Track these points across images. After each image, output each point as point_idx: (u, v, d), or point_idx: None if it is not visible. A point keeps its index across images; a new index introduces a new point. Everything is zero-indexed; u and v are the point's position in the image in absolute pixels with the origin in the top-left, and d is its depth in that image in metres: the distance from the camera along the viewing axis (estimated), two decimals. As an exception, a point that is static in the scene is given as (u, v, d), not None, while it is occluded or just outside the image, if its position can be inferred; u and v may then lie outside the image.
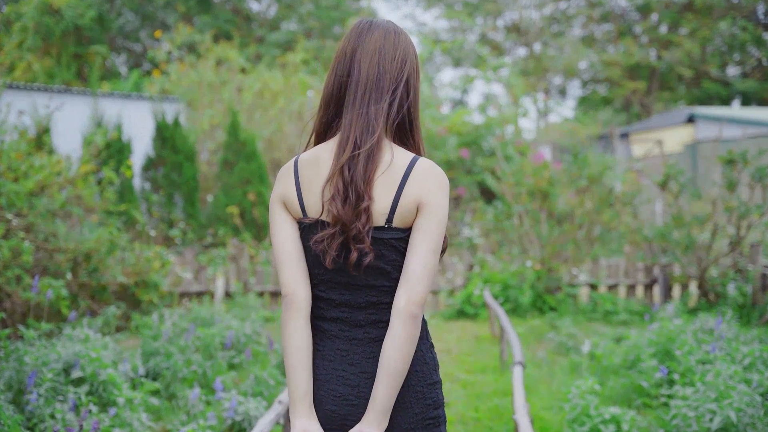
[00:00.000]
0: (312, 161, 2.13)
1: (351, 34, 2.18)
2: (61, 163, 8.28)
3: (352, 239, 2.02)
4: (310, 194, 2.10)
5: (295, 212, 2.14)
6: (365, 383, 2.08)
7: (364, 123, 2.07)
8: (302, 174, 2.13)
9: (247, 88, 15.31)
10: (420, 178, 2.05)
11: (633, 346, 5.95)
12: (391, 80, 2.12)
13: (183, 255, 9.89)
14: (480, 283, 9.54)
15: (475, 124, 17.50)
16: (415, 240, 2.04)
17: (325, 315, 2.14)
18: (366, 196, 2.01)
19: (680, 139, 21.45)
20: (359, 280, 2.08)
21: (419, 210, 2.04)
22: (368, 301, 2.09)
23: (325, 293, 2.13)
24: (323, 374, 2.12)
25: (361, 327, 2.11)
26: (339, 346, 2.12)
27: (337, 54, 2.19)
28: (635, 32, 32.66)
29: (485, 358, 7.34)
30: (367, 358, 2.09)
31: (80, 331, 5.97)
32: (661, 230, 9.13)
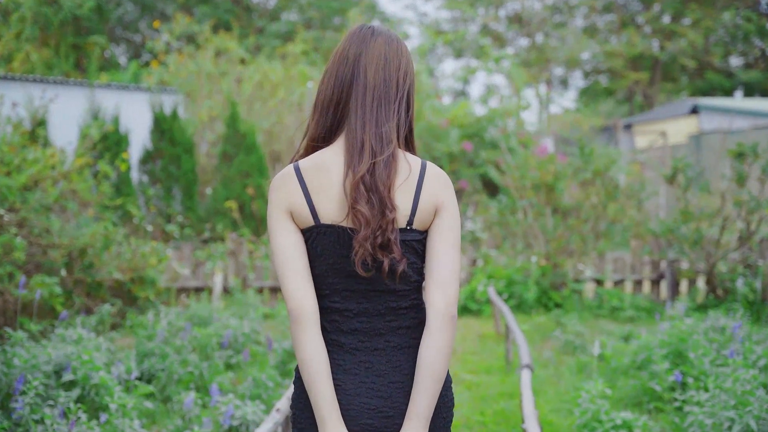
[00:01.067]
0: (319, 167, 2.08)
1: (352, 38, 2.17)
2: (56, 156, 8.09)
3: (379, 248, 2.00)
4: (323, 200, 2.06)
5: (303, 221, 2.07)
6: (397, 393, 2.06)
7: (378, 130, 2.07)
8: (309, 180, 2.07)
9: (247, 79, 15.08)
10: (434, 181, 2.08)
11: (644, 347, 5.76)
12: (398, 88, 2.13)
13: (181, 250, 9.69)
14: (484, 279, 9.35)
15: (477, 115, 17.27)
16: (438, 241, 2.06)
17: (342, 328, 2.09)
18: (391, 204, 2.01)
19: (684, 130, 21.25)
20: (379, 285, 2.06)
21: (437, 212, 2.07)
22: (388, 307, 2.08)
23: (340, 304, 2.08)
24: (352, 388, 2.07)
25: (381, 336, 2.08)
26: (361, 359, 2.08)
27: (336, 57, 2.16)
28: (638, 22, 32.38)
29: (490, 357, 7.15)
30: (393, 368, 2.07)
31: (73, 331, 5.79)
32: (669, 225, 8.93)
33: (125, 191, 11.79)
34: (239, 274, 9.55)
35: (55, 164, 7.89)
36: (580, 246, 9.49)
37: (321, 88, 2.16)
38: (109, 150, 11.71)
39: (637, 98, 32.73)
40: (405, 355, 2.08)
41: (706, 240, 8.95)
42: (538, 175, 9.52)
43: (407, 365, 2.07)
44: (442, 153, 16.05)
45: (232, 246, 9.71)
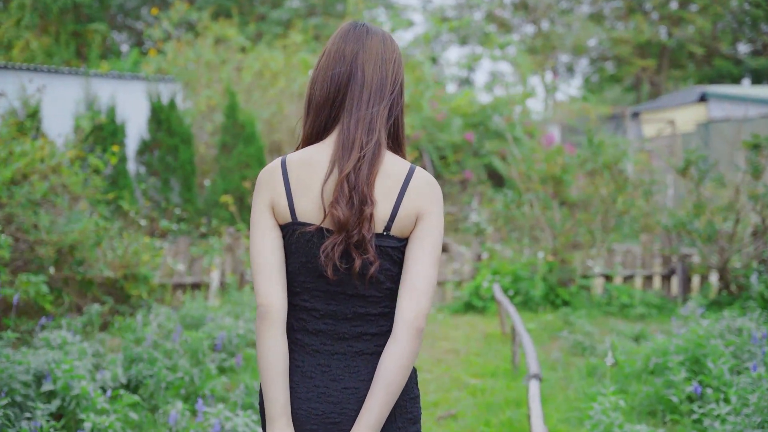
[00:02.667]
0: (304, 163, 2.06)
1: (347, 36, 2.14)
2: (45, 148, 7.79)
3: (354, 246, 1.98)
4: (302, 198, 2.04)
5: (283, 217, 2.05)
6: (348, 399, 2.03)
7: (369, 128, 2.05)
8: (292, 176, 2.05)
9: (247, 67, 14.76)
10: (419, 189, 2.04)
11: (659, 351, 5.45)
12: (392, 86, 2.12)
13: (177, 244, 9.40)
14: (489, 275, 9.04)
15: (481, 104, 16.92)
16: (416, 251, 2.01)
17: (307, 327, 2.06)
18: (369, 200, 1.97)
19: (692, 118, 20.91)
20: (349, 289, 2.03)
21: (418, 221, 2.02)
22: (355, 312, 2.04)
23: (309, 303, 2.06)
24: (304, 392, 2.05)
25: (344, 340, 2.05)
26: (320, 361, 2.06)
27: (331, 56, 2.12)
28: (645, 9, 31.93)
29: (495, 359, 6.86)
30: (350, 373, 2.04)
31: (58, 334, 5.51)
32: (682, 219, 8.60)
33: (122, 183, 11.50)
34: (236, 270, 9.26)
35: (44, 157, 7.59)
36: (588, 241, 9.17)
37: (314, 87, 2.12)
38: (105, 141, 11.42)
39: (644, 86, 32.29)
40: (365, 361, 2.04)
41: (720, 234, 8.64)
42: (545, 168, 9.19)
43: (365, 371, 2.04)
44: (445, 143, 15.73)
45: (229, 241, 9.42)
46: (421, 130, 15.26)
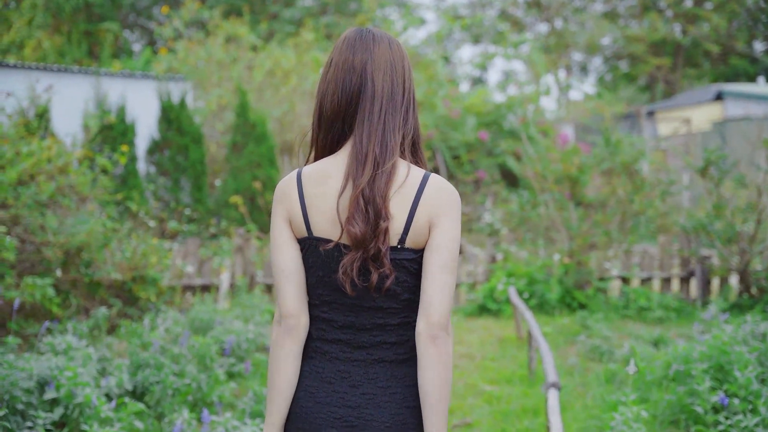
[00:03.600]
0: (318, 177, 2.04)
1: (354, 45, 2.08)
2: (52, 148, 7.67)
3: (371, 260, 1.97)
4: (317, 212, 2.02)
5: (299, 231, 2.05)
6: (366, 404, 2.04)
7: (382, 140, 2.01)
8: (307, 190, 2.04)
9: (258, 66, 14.62)
10: (433, 196, 2.01)
11: (681, 358, 5.27)
12: (403, 94, 2.07)
13: (186, 245, 9.27)
14: (504, 277, 8.86)
15: (495, 103, 16.73)
16: (430, 261, 1.99)
17: (326, 336, 2.07)
18: (385, 214, 1.96)
19: (708, 117, 20.69)
20: (367, 301, 2.03)
21: (431, 229, 2.00)
22: (374, 323, 2.04)
23: (327, 314, 2.07)
24: (324, 397, 2.06)
25: (363, 349, 2.06)
26: (340, 368, 2.07)
27: (339, 67, 2.07)
28: (660, 6, 31.62)
29: (511, 364, 6.68)
30: (369, 380, 2.05)
31: (63, 339, 5.38)
32: (701, 220, 8.40)
33: (131, 183, 11.38)
34: (246, 271, 9.12)
35: (51, 157, 7.46)
36: (605, 242, 8.98)
37: (325, 101, 2.08)
38: (115, 140, 11.30)
39: (659, 84, 31.99)
40: (383, 368, 2.05)
41: (740, 236, 8.43)
42: (561, 168, 9.00)
43: (383, 378, 2.05)
44: (458, 142, 15.55)
45: (239, 242, 9.28)
46: (434, 129, 15.09)
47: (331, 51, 2.12)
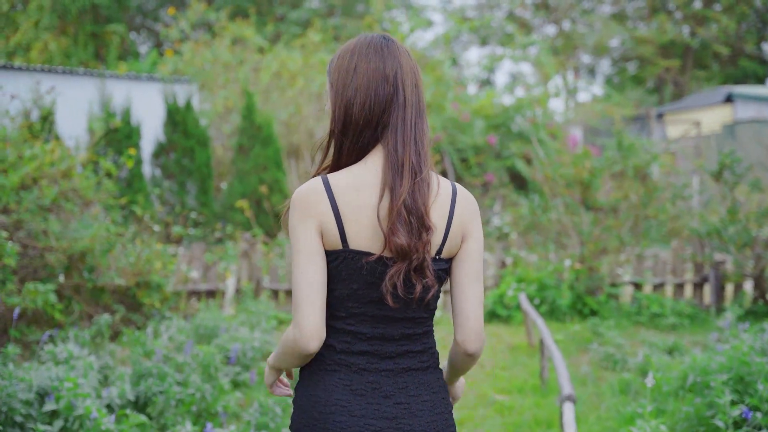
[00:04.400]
0: (352, 187, 1.99)
1: (383, 52, 2.05)
2: (56, 151, 7.55)
3: (413, 271, 1.97)
4: (353, 224, 1.97)
5: (331, 243, 1.98)
6: (402, 414, 2.02)
7: (416, 148, 2.01)
8: (341, 201, 1.97)
9: (264, 68, 14.50)
10: (464, 206, 2.06)
11: (699, 369, 5.11)
12: (423, 100, 2.10)
13: (191, 250, 9.14)
14: (514, 283, 8.72)
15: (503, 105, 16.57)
16: (462, 272, 2.05)
17: (351, 349, 2.03)
18: (429, 225, 1.97)
19: (718, 119, 20.52)
20: (400, 312, 2.02)
21: (464, 241, 2.05)
22: (402, 333, 2.04)
23: (353, 327, 2.03)
24: (358, 409, 2.01)
25: (390, 358, 2.04)
26: (369, 379, 2.03)
27: (370, 74, 2.03)
28: (669, 8, 31.42)
29: (523, 373, 6.53)
30: (399, 389, 2.04)
31: (64, 347, 5.26)
32: (716, 225, 8.25)
33: (137, 186, 11.27)
34: (252, 276, 8.99)
35: (55, 161, 7.35)
36: (616, 247, 8.82)
37: (352, 107, 2.02)
38: (120, 143, 11.18)
39: (667, 86, 31.79)
40: (412, 377, 2.06)
41: (756, 241, 8.27)
42: (572, 172, 8.84)
43: (413, 386, 2.05)
44: (466, 145, 15.40)
45: (245, 246, 9.15)
46: (442, 132, 14.95)
47: (347, 56, 2.07)
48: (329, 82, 2.09)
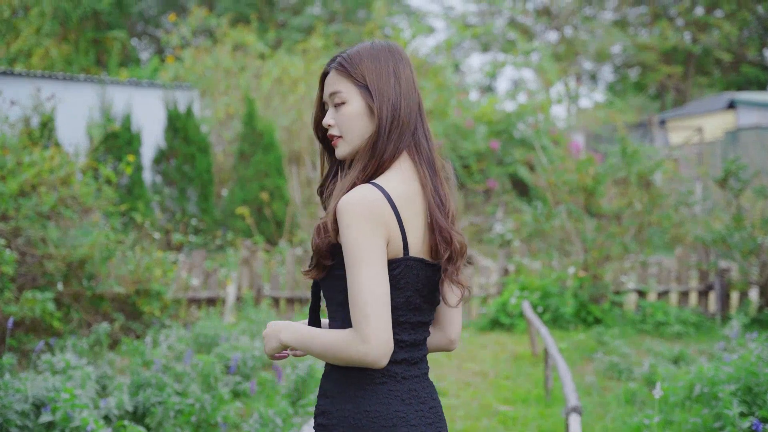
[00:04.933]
0: (407, 196, 2.01)
1: (406, 59, 2.13)
2: (55, 158, 7.49)
3: (450, 276, 2.03)
4: (413, 232, 2.00)
5: (394, 252, 1.99)
6: (437, 418, 2.07)
7: (434, 150, 2.11)
8: (402, 210, 1.99)
9: (266, 74, 14.44)
10: None
11: (706, 379, 5.03)
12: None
13: (192, 257, 9.07)
14: (517, 291, 8.63)
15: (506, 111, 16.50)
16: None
17: (395, 358, 2.02)
18: (458, 228, 2.08)
19: (721, 125, 20.45)
20: (427, 316, 2.07)
21: None
22: (424, 338, 2.09)
23: (398, 335, 2.02)
24: (413, 419, 2.01)
25: (416, 364, 2.07)
26: (409, 386, 2.04)
27: (410, 81, 2.10)
28: (670, 14, 31.37)
29: (527, 383, 6.45)
30: (427, 394, 2.07)
31: (61, 357, 5.18)
32: (721, 233, 8.17)
33: (137, 193, 11.20)
34: (253, 284, 8.92)
35: (53, 168, 7.28)
36: (620, 254, 8.74)
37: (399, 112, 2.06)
38: (120, 150, 11.12)
39: (669, 93, 31.72)
40: (427, 380, 2.10)
41: (762, 248, 8.19)
42: (576, 178, 8.76)
43: (432, 390, 2.10)
44: (469, 152, 15.33)
45: (246, 254, 9.07)
46: (444, 138, 14.89)
47: (382, 60, 2.08)
48: (365, 85, 2.06)
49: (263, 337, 2.11)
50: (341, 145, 2.09)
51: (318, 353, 1.98)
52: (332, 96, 2.09)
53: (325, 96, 2.13)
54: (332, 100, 2.10)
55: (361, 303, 1.90)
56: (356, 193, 1.95)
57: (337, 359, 1.94)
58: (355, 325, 1.90)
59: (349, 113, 2.06)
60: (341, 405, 2.00)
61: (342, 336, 1.93)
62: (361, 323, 1.89)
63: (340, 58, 2.11)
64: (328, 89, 2.11)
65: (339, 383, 2.02)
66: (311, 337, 2.00)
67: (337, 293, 2.02)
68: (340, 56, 2.12)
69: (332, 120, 2.09)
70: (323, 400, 2.05)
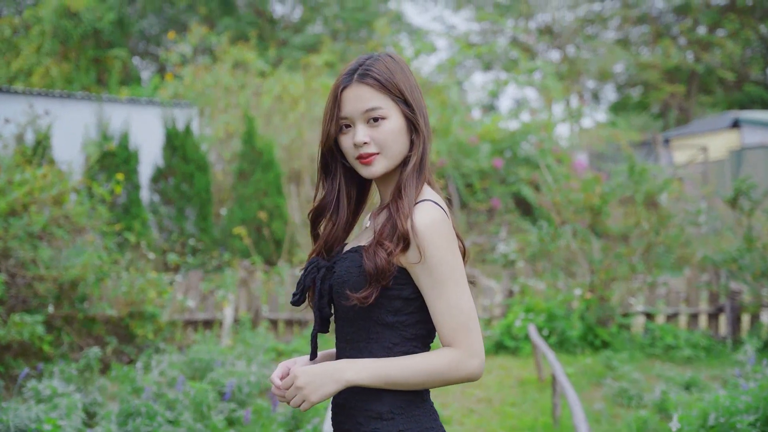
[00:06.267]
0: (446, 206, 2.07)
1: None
2: (47, 176, 7.29)
3: None
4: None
5: None
6: None
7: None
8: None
9: (266, 92, 14.28)
10: None
11: (722, 408, 4.79)
12: None
13: (188, 278, 8.85)
14: (522, 313, 8.40)
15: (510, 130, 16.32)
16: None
17: None
18: None
19: (725, 144, 20.30)
20: None
21: None
22: None
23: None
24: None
25: None
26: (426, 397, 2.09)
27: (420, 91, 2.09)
28: (673, 33, 31.28)
29: (533, 409, 6.21)
30: None
31: (47, 384, 4.96)
32: (732, 254, 7.94)
33: (134, 212, 11.00)
34: (251, 306, 8.69)
35: (45, 186, 7.08)
36: (628, 276, 8.51)
37: (427, 121, 2.07)
38: (117, 168, 10.92)
39: (672, 112, 31.57)
40: None
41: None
42: (582, 198, 8.55)
43: None
44: (471, 170, 15.13)
45: (243, 275, 8.85)
46: (447, 156, 14.70)
47: (409, 74, 2.05)
48: (403, 99, 2.01)
49: (299, 387, 1.92)
50: (379, 162, 2.00)
51: (409, 382, 1.93)
52: (367, 112, 1.98)
53: (350, 112, 2.00)
54: (365, 116, 1.99)
55: (464, 318, 1.91)
56: (432, 212, 1.94)
57: (440, 382, 1.94)
58: (459, 342, 1.90)
59: (391, 129, 1.99)
60: (404, 425, 1.97)
61: (443, 356, 1.91)
62: (469, 338, 1.92)
63: (370, 71, 2.00)
64: (359, 105, 1.99)
65: (396, 404, 1.96)
66: (393, 368, 1.92)
67: (387, 314, 1.97)
68: (365, 69, 2.00)
69: (367, 137, 1.98)
70: (379, 423, 1.97)
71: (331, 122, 2.03)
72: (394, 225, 1.94)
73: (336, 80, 2.06)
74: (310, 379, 1.91)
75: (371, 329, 1.99)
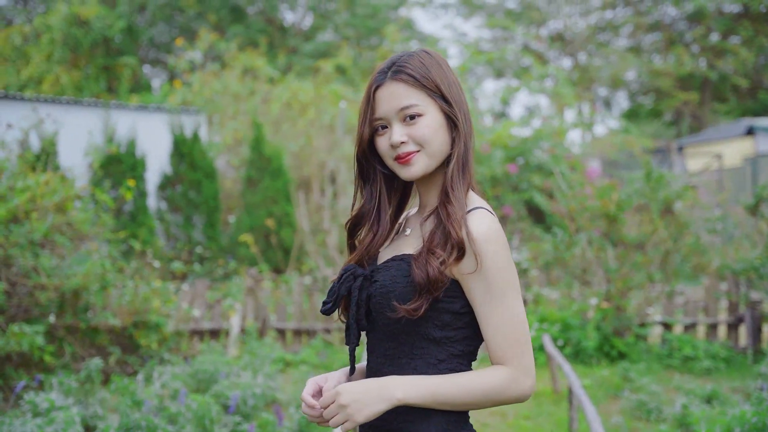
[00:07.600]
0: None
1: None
2: (50, 183, 7.13)
3: None
4: None
5: None
6: None
7: None
8: None
9: (275, 98, 14.13)
10: None
11: (750, 426, 4.57)
12: None
13: (194, 287, 8.68)
14: (536, 323, 8.18)
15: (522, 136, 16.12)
16: None
17: None
18: None
19: (739, 152, 20.09)
20: None
21: None
22: None
23: None
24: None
25: None
26: None
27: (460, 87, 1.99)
28: (686, 41, 31.04)
29: (549, 423, 5.99)
30: None
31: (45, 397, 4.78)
32: (752, 263, 7.71)
33: (141, 220, 10.84)
34: (258, 315, 8.50)
35: (47, 193, 6.91)
36: (645, 285, 8.28)
37: (471, 125, 1.97)
38: (124, 175, 10.77)
39: (685, 119, 31.30)
40: None
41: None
42: (598, 205, 8.33)
43: None
44: (483, 177, 14.92)
45: (250, 283, 8.67)
46: (458, 164, 14.49)
47: (449, 70, 1.93)
48: (441, 95, 1.90)
49: (343, 405, 1.77)
50: (419, 160, 1.88)
51: (461, 402, 1.82)
52: (403, 110, 1.87)
53: (386, 112, 1.89)
54: (401, 115, 1.88)
55: (519, 334, 1.81)
56: (487, 220, 1.82)
57: (492, 402, 1.83)
58: (512, 359, 1.80)
59: (429, 125, 1.87)
60: None
61: (498, 374, 1.80)
62: (524, 356, 1.81)
63: (404, 67, 1.89)
64: (394, 103, 1.88)
65: (443, 426, 1.85)
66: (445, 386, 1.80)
67: (434, 329, 1.85)
68: (399, 66, 1.90)
69: (404, 136, 1.87)
70: None
71: (365, 124, 1.92)
72: (446, 232, 1.82)
73: (369, 80, 1.95)
74: (356, 397, 1.77)
75: (416, 344, 1.86)
